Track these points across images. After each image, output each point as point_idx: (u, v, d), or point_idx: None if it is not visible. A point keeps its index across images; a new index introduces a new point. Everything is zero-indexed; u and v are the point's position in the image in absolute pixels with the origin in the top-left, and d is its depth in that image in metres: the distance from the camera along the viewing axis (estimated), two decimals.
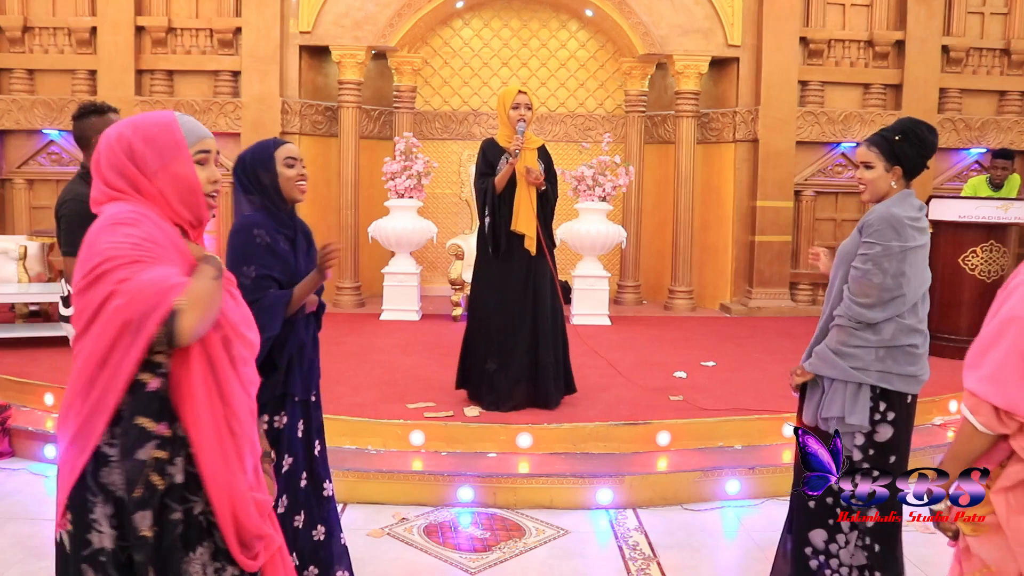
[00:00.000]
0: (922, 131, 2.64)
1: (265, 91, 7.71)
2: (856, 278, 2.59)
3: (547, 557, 3.40)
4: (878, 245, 2.56)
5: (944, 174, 8.20)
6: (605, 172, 7.19)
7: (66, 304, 3.34)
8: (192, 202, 1.65)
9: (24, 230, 7.60)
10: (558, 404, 4.49)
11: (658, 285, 8.55)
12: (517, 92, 4.36)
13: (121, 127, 1.64)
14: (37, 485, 4.12)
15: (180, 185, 1.63)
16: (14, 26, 7.73)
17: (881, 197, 2.67)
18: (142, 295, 1.48)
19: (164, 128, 1.63)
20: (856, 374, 2.58)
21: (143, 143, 1.61)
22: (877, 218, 2.58)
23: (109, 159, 1.62)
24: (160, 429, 1.55)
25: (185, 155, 1.63)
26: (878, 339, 2.57)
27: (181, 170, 1.63)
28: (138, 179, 1.61)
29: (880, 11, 8.05)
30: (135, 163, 1.61)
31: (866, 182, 2.67)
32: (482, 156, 4.47)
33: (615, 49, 8.58)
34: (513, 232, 4.38)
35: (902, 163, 2.63)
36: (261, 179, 2.53)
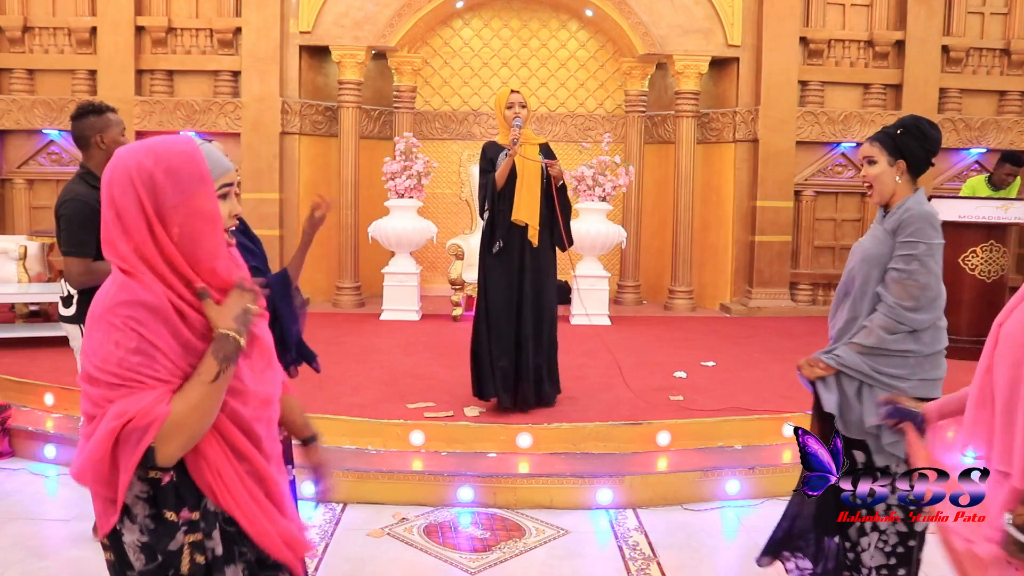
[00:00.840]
0: (924, 125, 2.61)
1: (265, 91, 7.71)
2: (900, 280, 2.50)
3: (547, 557, 3.40)
4: (922, 244, 2.50)
5: (944, 174, 8.19)
6: (605, 172, 7.19)
7: (66, 304, 3.34)
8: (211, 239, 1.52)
9: (24, 230, 7.60)
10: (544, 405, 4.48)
11: (658, 285, 8.55)
12: (510, 92, 4.41)
13: (142, 154, 1.50)
14: (37, 485, 4.12)
15: (201, 220, 1.51)
16: (14, 26, 7.73)
17: (889, 194, 2.62)
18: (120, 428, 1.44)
19: (188, 158, 1.51)
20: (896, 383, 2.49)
21: (165, 174, 1.48)
22: (915, 216, 2.52)
23: (125, 189, 1.48)
24: (185, 515, 1.51)
25: (209, 189, 1.51)
26: (919, 346, 2.52)
27: (204, 205, 1.51)
28: (152, 221, 1.48)
29: (880, 11, 8.05)
30: (154, 196, 1.48)
31: (871, 179, 2.62)
32: (483, 156, 4.50)
33: (615, 49, 8.58)
34: (514, 224, 4.38)
35: (905, 157, 2.59)
36: None
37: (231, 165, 1.61)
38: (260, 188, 7.76)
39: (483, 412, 4.41)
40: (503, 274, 4.40)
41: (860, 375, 2.55)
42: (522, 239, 4.38)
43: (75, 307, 3.28)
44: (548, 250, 4.47)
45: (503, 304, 4.39)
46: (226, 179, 1.57)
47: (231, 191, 1.59)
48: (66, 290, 3.31)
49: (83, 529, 3.52)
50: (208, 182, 1.52)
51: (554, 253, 4.53)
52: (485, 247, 4.47)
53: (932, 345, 2.55)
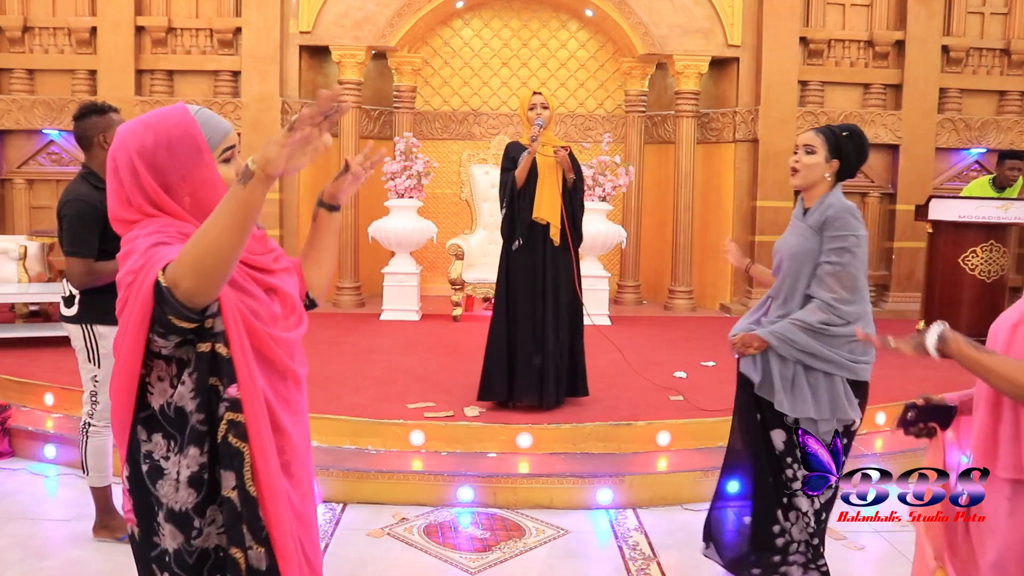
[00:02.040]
0: (865, 140, 2.78)
1: (265, 91, 7.71)
2: (834, 272, 2.61)
3: (547, 557, 3.40)
4: (851, 236, 2.63)
5: (944, 174, 8.20)
6: (605, 172, 7.19)
7: (68, 304, 3.34)
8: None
9: (24, 230, 7.60)
10: (559, 404, 4.48)
11: (658, 285, 8.56)
12: (532, 94, 4.46)
13: (138, 132, 1.52)
14: (37, 485, 4.12)
15: (208, 189, 1.52)
16: (14, 26, 7.73)
17: (811, 185, 2.75)
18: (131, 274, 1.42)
19: (184, 130, 1.51)
20: (832, 368, 2.62)
21: (166, 149, 1.50)
22: (840, 210, 2.67)
23: (128, 168, 1.50)
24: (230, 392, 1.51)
25: (208, 159, 1.52)
26: (850, 332, 2.62)
27: (206, 175, 1.52)
28: (159, 197, 1.50)
29: (880, 11, 8.05)
30: (156, 172, 1.50)
31: (803, 166, 2.74)
32: (505, 155, 4.52)
33: (615, 49, 8.58)
34: (535, 222, 4.39)
35: (841, 159, 2.73)
36: None
37: (229, 127, 1.60)
38: None
39: (483, 412, 4.41)
40: (526, 272, 4.42)
41: (802, 353, 2.62)
42: (544, 237, 4.42)
43: (76, 307, 3.28)
44: (569, 248, 4.49)
45: (527, 302, 4.41)
46: (227, 143, 1.58)
47: (233, 154, 1.59)
48: (68, 290, 3.31)
49: (83, 529, 3.52)
50: (206, 152, 1.52)
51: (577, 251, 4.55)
52: (504, 246, 4.50)
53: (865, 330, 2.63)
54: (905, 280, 8.10)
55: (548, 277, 4.43)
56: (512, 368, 4.41)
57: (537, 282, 4.42)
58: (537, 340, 4.41)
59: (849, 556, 3.46)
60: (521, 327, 4.42)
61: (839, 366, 2.62)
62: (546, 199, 4.39)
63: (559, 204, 4.41)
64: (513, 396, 4.44)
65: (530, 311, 4.42)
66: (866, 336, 2.20)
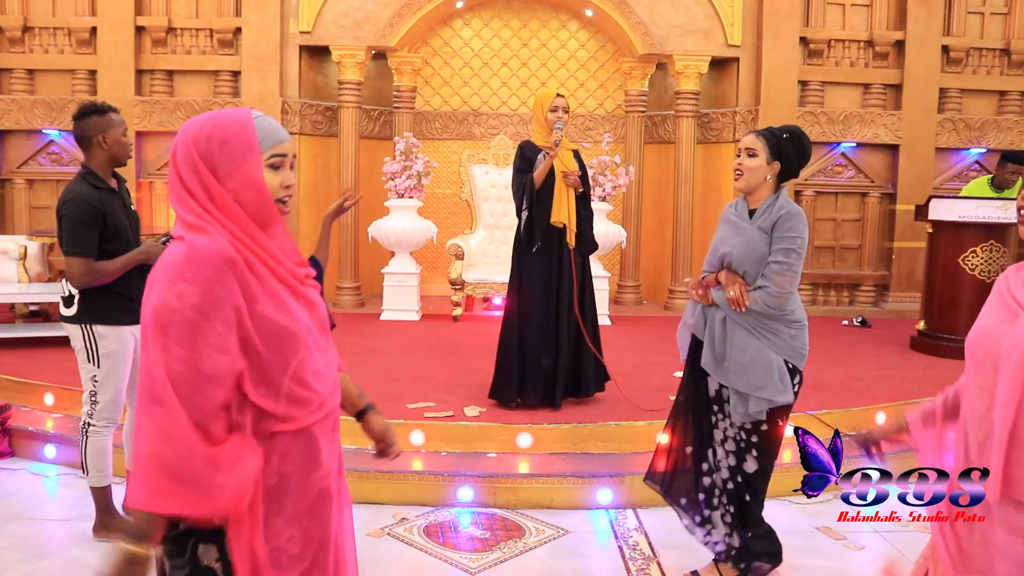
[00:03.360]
0: (805, 140, 2.94)
1: (265, 91, 7.71)
2: (782, 272, 2.80)
3: (547, 557, 3.40)
4: (799, 238, 2.82)
5: (944, 174, 8.20)
6: (605, 172, 7.19)
7: (67, 304, 3.34)
8: (260, 207, 1.59)
9: (24, 230, 7.60)
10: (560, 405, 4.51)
11: (658, 285, 8.56)
12: (555, 96, 4.46)
13: (201, 124, 1.59)
14: (37, 485, 4.12)
15: (250, 189, 1.57)
16: (14, 26, 7.73)
17: (755, 187, 2.89)
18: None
19: (240, 128, 1.58)
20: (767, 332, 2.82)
21: (219, 144, 1.56)
22: (790, 214, 2.83)
23: (185, 156, 1.57)
24: None
25: (256, 159, 1.58)
26: (790, 318, 2.84)
27: (252, 173, 1.57)
28: (211, 183, 1.56)
29: (880, 11, 8.05)
30: (210, 163, 1.56)
31: (746, 169, 2.88)
32: (520, 154, 4.52)
33: (615, 49, 8.58)
34: (551, 226, 4.42)
35: (782, 161, 2.87)
36: None
37: (286, 137, 1.65)
38: None
39: (483, 412, 4.41)
40: (542, 274, 4.44)
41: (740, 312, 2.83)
42: (560, 240, 4.44)
43: (76, 307, 3.28)
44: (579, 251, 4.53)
45: (542, 304, 4.43)
46: (277, 150, 1.62)
47: (284, 162, 1.63)
48: (67, 290, 3.31)
49: (83, 529, 3.52)
50: (255, 152, 1.58)
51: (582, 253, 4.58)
52: (522, 247, 4.50)
53: (799, 316, 2.89)
54: (905, 280, 8.10)
55: (565, 279, 4.46)
56: (525, 369, 4.44)
57: (552, 284, 4.45)
58: (551, 341, 4.43)
59: (849, 556, 3.46)
60: (535, 328, 4.43)
61: (774, 333, 2.81)
62: (565, 203, 4.44)
63: (575, 208, 4.46)
64: (524, 396, 4.47)
65: (544, 312, 4.44)
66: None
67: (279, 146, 1.62)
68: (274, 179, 1.61)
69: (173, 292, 1.48)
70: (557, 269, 4.45)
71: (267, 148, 1.60)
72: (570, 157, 4.52)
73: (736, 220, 2.94)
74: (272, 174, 1.61)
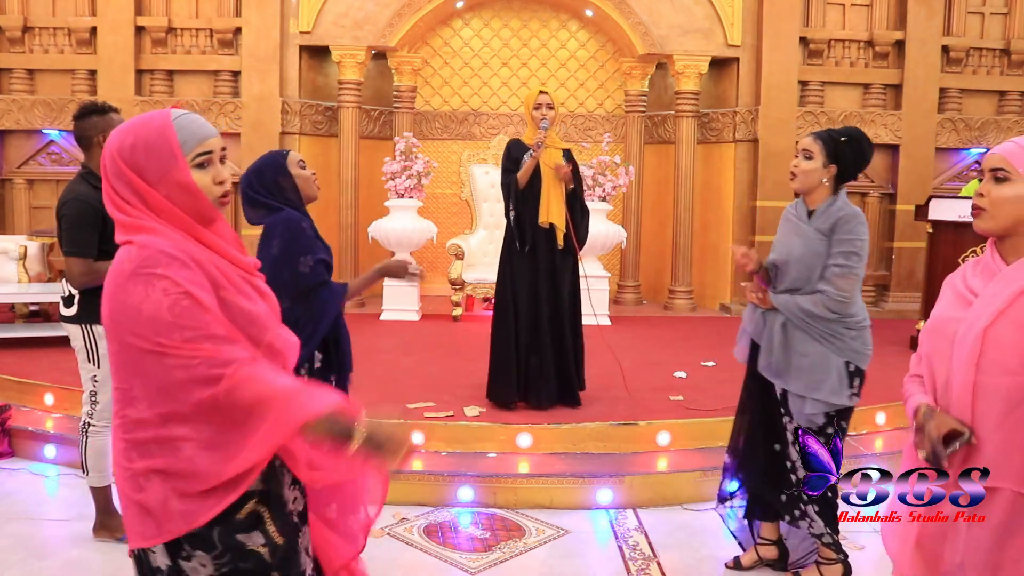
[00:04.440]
0: (864, 143, 2.86)
1: (265, 91, 7.71)
2: (843, 274, 2.77)
3: (547, 557, 3.40)
4: (858, 240, 2.78)
5: (944, 174, 8.20)
6: (605, 172, 7.19)
7: (67, 304, 3.34)
8: (195, 207, 1.57)
9: (24, 230, 7.60)
10: (552, 406, 4.48)
11: (658, 285, 8.56)
12: (539, 93, 4.41)
13: (123, 134, 1.57)
14: (37, 485, 4.12)
15: (182, 192, 1.56)
16: (14, 26, 7.73)
17: (810, 189, 2.86)
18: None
19: (159, 133, 1.55)
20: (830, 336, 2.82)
21: (143, 152, 1.54)
22: (849, 216, 2.80)
23: (113, 168, 1.56)
24: None
25: (181, 163, 1.55)
26: (853, 321, 2.82)
27: (179, 178, 1.55)
28: (144, 190, 1.55)
29: (880, 11, 8.05)
30: (138, 171, 1.55)
31: (801, 172, 2.85)
32: (507, 153, 4.48)
33: (615, 49, 8.58)
34: (540, 226, 4.38)
35: (839, 164, 2.82)
36: (282, 185, 2.77)
37: (210, 133, 1.61)
38: None
39: (483, 412, 4.41)
40: (528, 275, 4.41)
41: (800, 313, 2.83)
42: (548, 241, 4.40)
43: (76, 307, 3.28)
44: (571, 252, 4.49)
45: (529, 305, 4.41)
46: (201, 148, 1.58)
47: (211, 159, 1.60)
48: (67, 290, 3.31)
49: (83, 529, 3.51)
50: (178, 156, 1.55)
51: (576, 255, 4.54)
52: (509, 247, 4.48)
53: (864, 319, 2.87)
54: (905, 280, 8.10)
55: (551, 280, 4.42)
56: (517, 370, 4.42)
57: (540, 285, 4.41)
58: (538, 342, 4.41)
59: (849, 556, 3.46)
60: (525, 329, 4.41)
61: (836, 336, 2.79)
62: (553, 203, 4.38)
63: (564, 207, 4.41)
64: (518, 397, 4.45)
65: (533, 313, 4.41)
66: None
67: (203, 144, 1.58)
68: (204, 178, 1.58)
69: (158, 291, 1.47)
70: (547, 271, 4.40)
71: (190, 149, 1.57)
72: (558, 156, 4.42)
73: (796, 221, 2.93)
74: (201, 173, 1.58)
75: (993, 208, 1.69)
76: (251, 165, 2.86)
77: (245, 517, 1.56)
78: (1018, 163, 1.67)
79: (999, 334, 1.63)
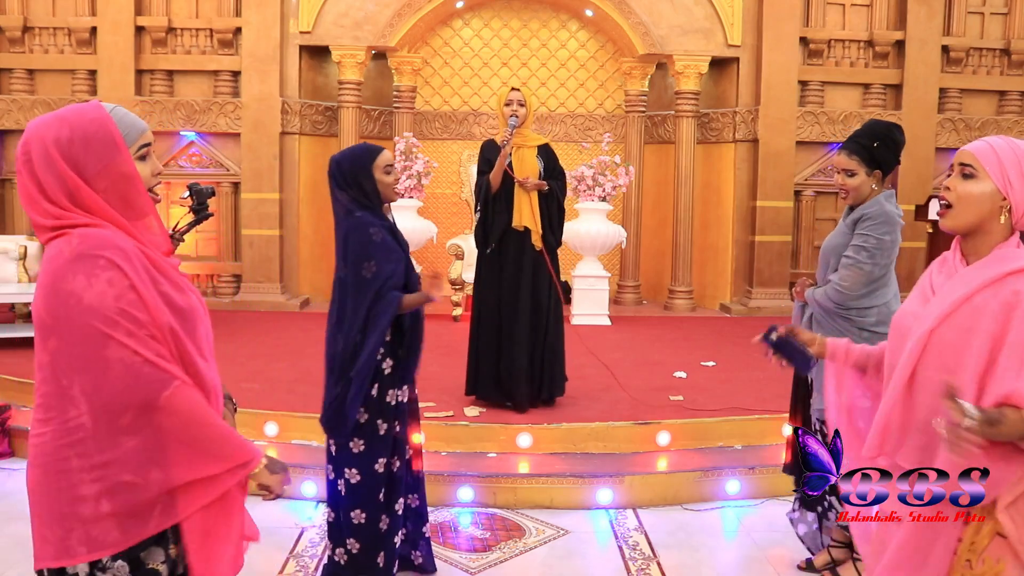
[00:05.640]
0: (895, 135, 2.91)
1: (265, 91, 7.72)
2: (848, 265, 2.82)
3: (547, 557, 3.40)
4: (873, 238, 2.81)
5: (944, 174, 8.19)
6: (605, 172, 7.19)
7: None
8: (135, 199, 1.57)
9: (24, 230, 7.59)
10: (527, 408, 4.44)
11: (658, 285, 8.56)
12: (510, 90, 4.38)
13: (56, 125, 1.51)
14: None
15: (125, 184, 1.55)
16: (14, 26, 7.74)
17: (864, 199, 2.91)
18: None
19: (99, 125, 1.53)
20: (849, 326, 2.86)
21: (81, 144, 1.50)
22: (875, 213, 2.82)
23: (44, 159, 1.50)
24: None
25: (126, 154, 1.55)
26: (862, 322, 2.82)
27: (125, 169, 1.55)
28: (76, 185, 1.50)
29: (880, 11, 8.05)
30: (74, 164, 1.50)
31: (850, 188, 2.90)
32: (481, 155, 4.46)
33: (615, 49, 8.58)
34: (512, 229, 4.36)
35: (881, 167, 2.88)
36: (363, 185, 2.81)
37: (145, 126, 1.63)
38: (260, 188, 7.77)
39: (483, 412, 4.41)
40: (501, 275, 4.39)
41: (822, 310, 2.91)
42: (520, 241, 4.37)
43: None
44: (548, 253, 4.46)
45: (498, 305, 4.38)
46: (143, 140, 1.60)
47: (150, 151, 1.62)
48: None
49: None
50: (122, 147, 1.55)
51: (554, 254, 4.51)
52: (479, 248, 4.46)
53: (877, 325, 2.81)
54: (905, 280, 7.95)
55: (526, 280, 4.37)
56: (492, 370, 4.41)
57: (512, 285, 4.37)
58: (515, 344, 4.37)
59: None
60: (504, 330, 4.39)
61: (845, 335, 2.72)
62: (526, 206, 4.34)
63: (538, 209, 4.36)
64: (496, 396, 4.44)
65: (511, 314, 4.38)
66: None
67: (143, 136, 1.60)
68: (145, 170, 1.59)
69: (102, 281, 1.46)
70: (517, 270, 4.36)
71: (133, 141, 1.58)
72: (532, 155, 4.36)
73: (841, 218, 3.06)
74: (142, 165, 1.59)
75: (958, 204, 1.74)
76: (343, 151, 2.94)
77: None
78: (986, 162, 1.70)
79: (942, 336, 1.67)
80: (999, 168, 1.69)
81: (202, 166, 7.94)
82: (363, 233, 2.79)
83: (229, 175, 7.91)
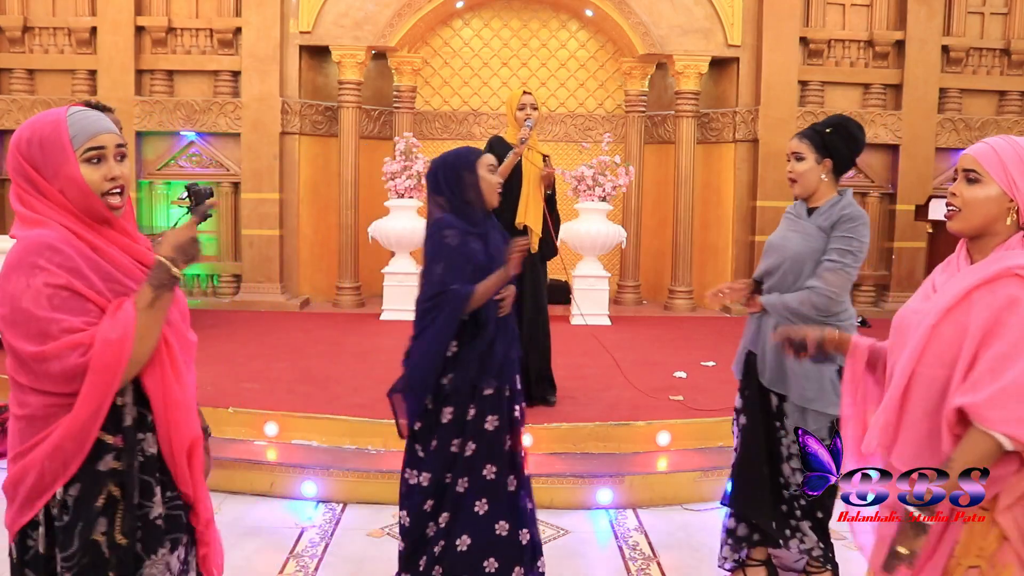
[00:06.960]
0: (852, 127, 2.81)
1: (265, 91, 7.71)
2: (835, 270, 2.69)
3: (547, 557, 3.38)
4: (857, 240, 2.72)
5: (944, 174, 8.20)
6: (605, 172, 7.19)
7: None
8: (86, 204, 1.60)
9: None
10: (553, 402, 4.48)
11: (658, 285, 8.56)
12: (522, 94, 4.43)
13: (24, 129, 1.64)
14: None
15: (73, 187, 1.59)
16: (14, 26, 7.73)
17: (812, 190, 2.81)
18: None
19: (53, 129, 1.61)
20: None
21: (38, 146, 1.60)
22: (853, 215, 2.74)
23: (12, 161, 1.63)
24: (116, 441, 1.61)
25: (71, 157, 1.59)
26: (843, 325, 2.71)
27: (69, 172, 1.59)
28: (40, 183, 1.60)
29: (880, 11, 8.05)
30: (34, 165, 1.60)
31: (797, 175, 2.80)
32: (488, 150, 4.46)
33: (615, 49, 8.58)
34: (514, 227, 4.35)
35: (832, 156, 2.78)
36: (465, 181, 2.73)
37: (102, 128, 1.64)
38: (260, 188, 7.77)
39: None
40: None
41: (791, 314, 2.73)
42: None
43: None
44: (544, 256, 4.48)
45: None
46: (92, 143, 1.62)
47: (103, 154, 1.63)
48: None
49: None
50: (68, 150, 1.60)
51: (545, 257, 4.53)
52: None
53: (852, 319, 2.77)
54: (905, 280, 8.10)
55: (524, 283, 4.33)
56: None
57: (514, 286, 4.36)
58: None
59: (849, 556, 3.45)
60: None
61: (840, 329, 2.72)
62: (532, 206, 4.35)
63: (542, 212, 4.38)
64: None
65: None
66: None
67: (94, 139, 1.61)
68: (94, 174, 1.61)
69: (38, 283, 1.52)
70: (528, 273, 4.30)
71: (80, 144, 1.60)
72: (539, 160, 4.43)
73: (794, 217, 2.88)
74: (91, 169, 1.60)
75: (966, 209, 1.73)
76: (444, 153, 2.87)
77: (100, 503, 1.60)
78: (988, 165, 1.69)
79: (942, 330, 1.68)
80: (1003, 171, 1.68)
81: (202, 166, 7.94)
82: (439, 234, 2.77)
83: (229, 175, 7.91)
